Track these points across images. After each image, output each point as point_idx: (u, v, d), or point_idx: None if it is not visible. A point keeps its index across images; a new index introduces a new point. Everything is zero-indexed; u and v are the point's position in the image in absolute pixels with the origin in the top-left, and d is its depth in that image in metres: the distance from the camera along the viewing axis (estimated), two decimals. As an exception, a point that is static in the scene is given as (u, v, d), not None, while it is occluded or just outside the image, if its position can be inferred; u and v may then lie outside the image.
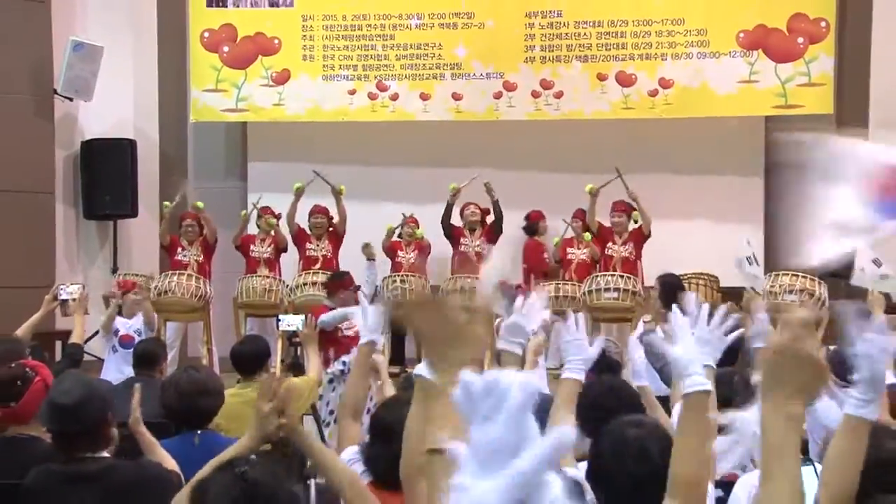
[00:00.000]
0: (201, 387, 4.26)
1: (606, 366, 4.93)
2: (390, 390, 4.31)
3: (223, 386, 4.53)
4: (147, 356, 5.99)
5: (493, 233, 9.58)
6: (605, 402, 3.34)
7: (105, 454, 3.44)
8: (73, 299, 6.28)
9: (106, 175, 10.14)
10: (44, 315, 5.51)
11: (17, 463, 3.64)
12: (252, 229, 9.97)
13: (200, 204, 9.69)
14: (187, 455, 3.93)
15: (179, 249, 9.57)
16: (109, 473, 3.32)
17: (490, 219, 9.67)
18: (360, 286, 8.48)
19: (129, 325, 7.53)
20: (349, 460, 2.99)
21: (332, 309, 7.38)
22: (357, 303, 4.08)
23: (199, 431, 4.18)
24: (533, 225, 9.73)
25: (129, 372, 6.79)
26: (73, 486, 3.27)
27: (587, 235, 9.46)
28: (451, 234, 9.67)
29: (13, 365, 4.14)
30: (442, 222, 9.61)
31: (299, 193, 9.67)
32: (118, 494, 3.29)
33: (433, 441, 1.73)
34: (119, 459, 3.51)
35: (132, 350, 7.12)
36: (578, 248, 9.55)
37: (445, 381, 1.73)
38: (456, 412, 1.29)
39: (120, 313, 7.79)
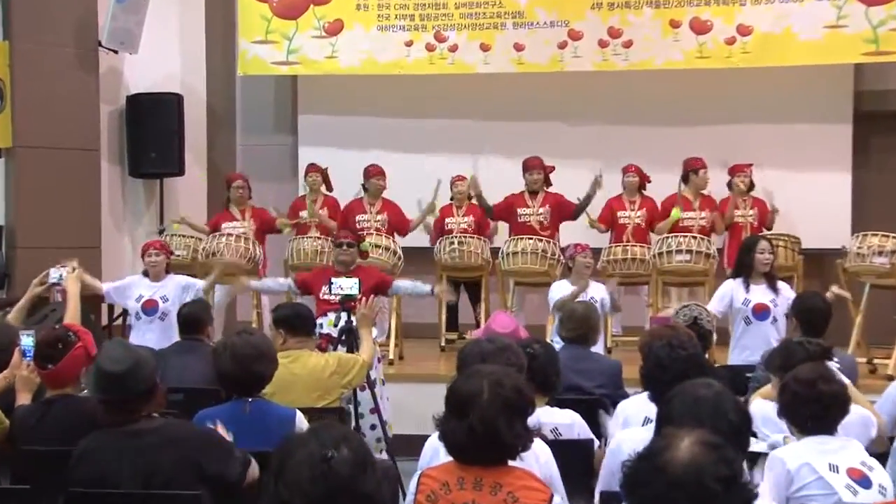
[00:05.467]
0: (256, 351, 4.20)
1: (699, 335, 5.02)
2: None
3: (276, 351, 4.50)
4: (190, 320, 5.96)
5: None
6: (671, 369, 3.62)
7: (154, 415, 3.59)
8: (62, 278, 5.97)
9: (152, 131, 10.16)
10: (30, 299, 5.75)
11: (56, 426, 3.87)
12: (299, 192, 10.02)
13: (286, 224, 9.29)
14: (238, 423, 3.96)
15: (225, 224, 9.21)
16: (158, 432, 3.47)
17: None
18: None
19: (155, 290, 7.25)
20: None
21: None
22: None
23: (249, 399, 4.14)
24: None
25: (151, 341, 6.73)
26: (125, 445, 3.43)
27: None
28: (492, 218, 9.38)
29: (57, 326, 4.32)
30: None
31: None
32: (166, 450, 3.42)
33: None
34: (167, 419, 3.66)
35: (159, 315, 7.19)
36: (633, 211, 9.41)
37: None
38: None
39: (146, 275, 7.52)
